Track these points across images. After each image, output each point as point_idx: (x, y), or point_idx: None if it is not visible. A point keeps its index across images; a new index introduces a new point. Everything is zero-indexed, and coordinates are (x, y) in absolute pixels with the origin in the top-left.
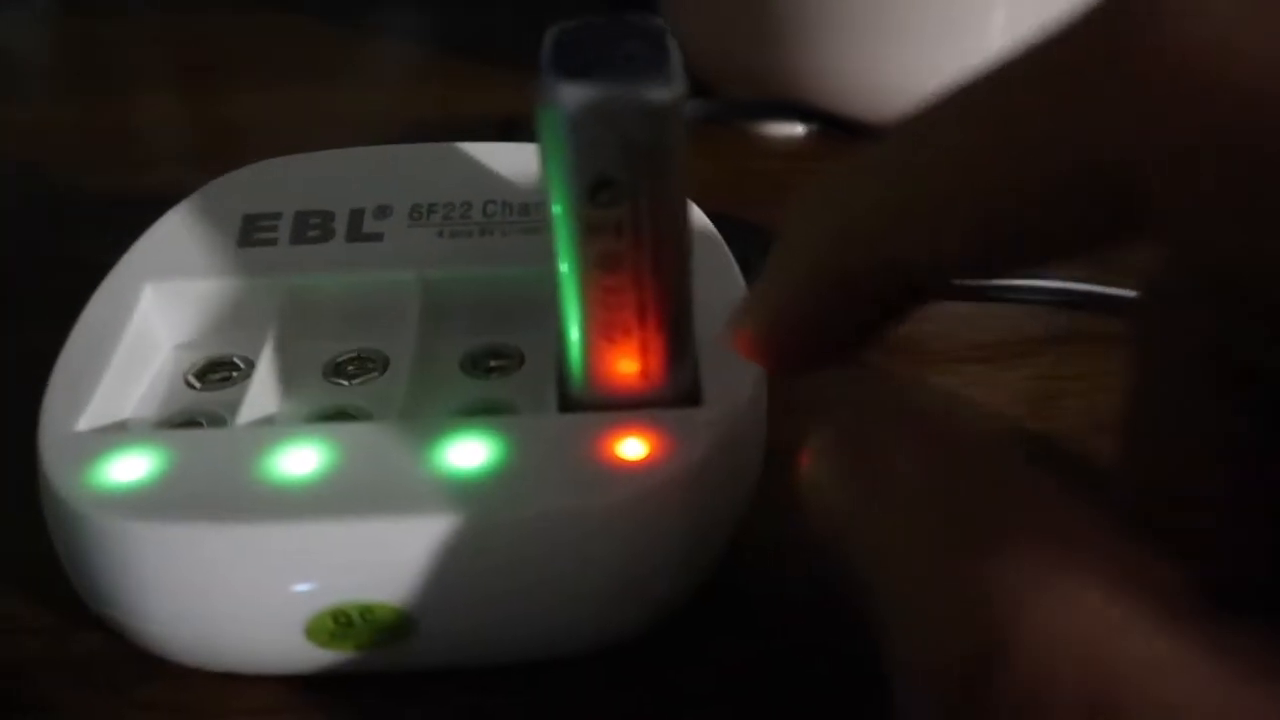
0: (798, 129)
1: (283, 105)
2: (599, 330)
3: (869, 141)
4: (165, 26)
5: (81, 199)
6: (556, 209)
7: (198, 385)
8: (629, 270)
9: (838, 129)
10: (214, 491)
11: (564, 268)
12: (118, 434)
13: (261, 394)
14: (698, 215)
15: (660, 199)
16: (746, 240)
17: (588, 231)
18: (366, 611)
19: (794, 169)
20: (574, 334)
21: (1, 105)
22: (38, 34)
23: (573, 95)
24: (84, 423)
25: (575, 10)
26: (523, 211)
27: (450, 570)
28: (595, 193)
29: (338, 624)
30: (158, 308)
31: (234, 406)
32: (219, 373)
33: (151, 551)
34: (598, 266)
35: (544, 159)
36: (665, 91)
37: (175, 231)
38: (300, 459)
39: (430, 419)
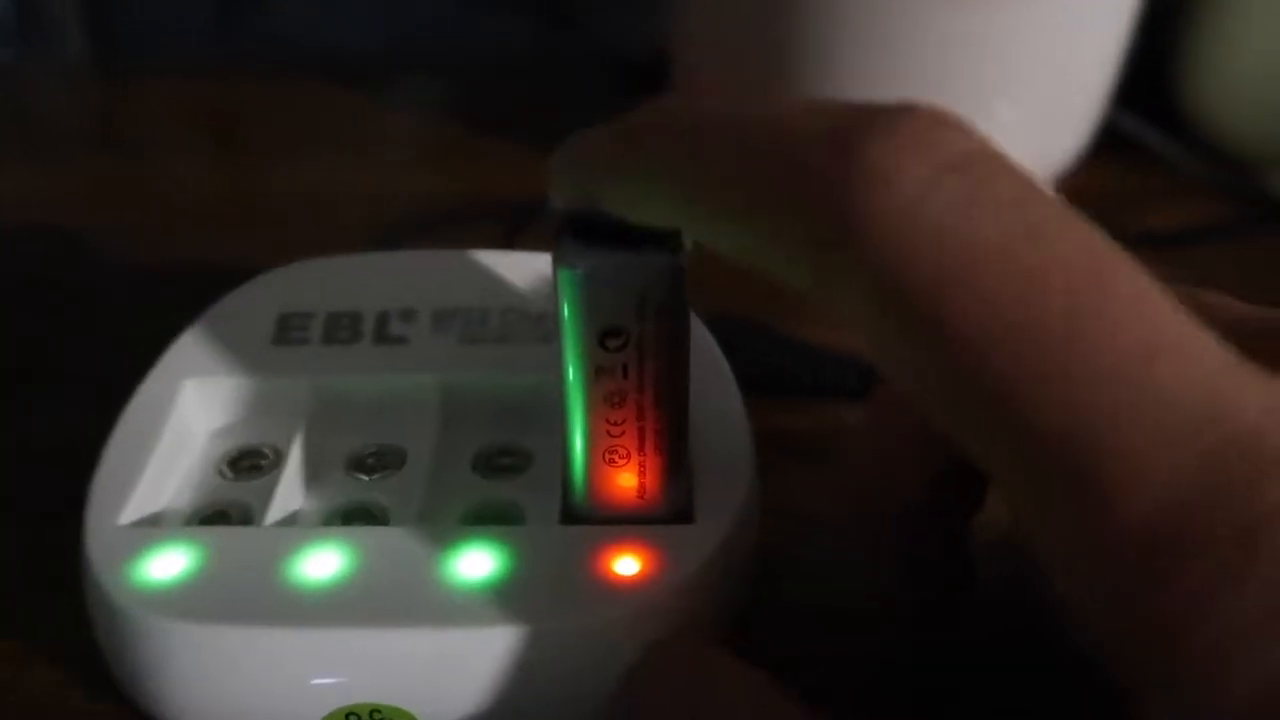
0: None
1: (305, 174)
2: (601, 454)
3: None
4: (189, 90)
5: (102, 266)
6: (567, 349)
7: (229, 474)
8: (632, 405)
9: None
10: (242, 592)
11: (571, 398)
12: (157, 530)
13: (287, 488)
14: (695, 327)
15: (664, 343)
16: (740, 334)
17: (595, 371)
18: (376, 712)
19: None
20: (578, 454)
21: (30, 169)
22: (65, 94)
23: (588, 260)
24: (126, 516)
25: (585, 88)
26: (536, 320)
27: (455, 676)
28: (604, 339)
29: None
30: (196, 402)
31: (262, 495)
32: (248, 460)
33: (184, 648)
34: (603, 401)
35: (559, 305)
36: (675, 255)
37: (215, 328)
38: (321, 563)
39: (442, 527)
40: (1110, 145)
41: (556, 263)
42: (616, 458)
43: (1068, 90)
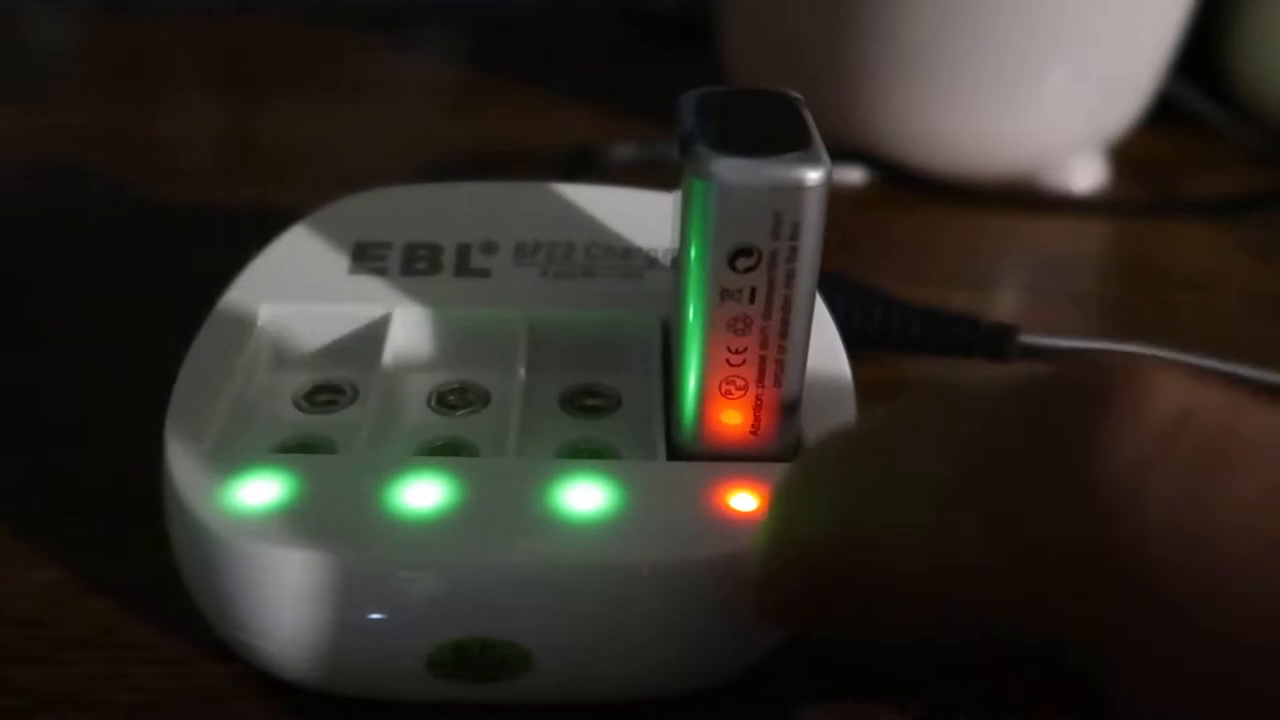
0: (857, 176)
1: (318, 121)
2: (717, 384)
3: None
4: (197, 34)
5: (115, 208)
6: (691, 269)
7: (306, 407)
8: (756, 333)
9: (899, 177)
10: (344, 521)
11: (689, 323)
12: (245, 456)
13: (372, 421)
14: None
15: (797, 269)
16: (838, 288)
17: (721, 294)
18: (488, 646)
19: (853, 216)
20: (690, 385)
21: (37, 108)
22: (75, 34)
23: (725, 168)
24: (207, 443)
25: (610, 41)
26: (623, 255)
27: (567, 611)
28: (734, 259)
29: (457, 657)
30: (271, 329)
31: (342, 430)
32: (325, 395)
33: (285, 577)
34: (726, 328)
35: (685, 220)
36: (816, 170)
37: (290, 254)
38: (422, 493)
39: (545, 460)
40: (1164, 114)
41: (688, 172)
42: (734, 389)
43: (1125, 58)
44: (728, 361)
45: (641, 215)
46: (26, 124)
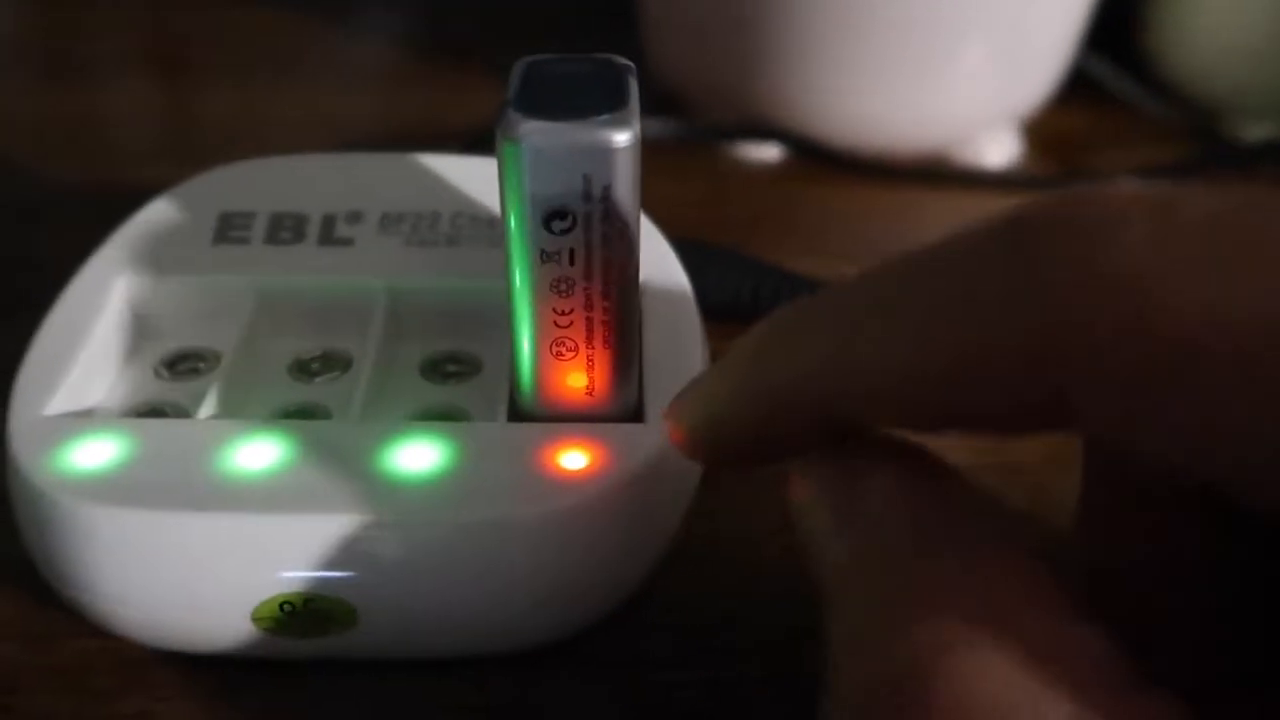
0: (773, 152)
1: (255, 102)
2: (548, 347)
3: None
4: (140, 14)
5: (46, 193)
6: (512, 233)
7: (166, 375)
8: (579, 294)
9: (813, 153)
10: (173, 480)
11: (516, 287)
12: (84, 419)
13: (227, 387)
14: (652, 233)
15: (613, 229)
16: (710, 260)
17: (541, 257)
18: (311, 602)
19: (766, 192)
20: (524, 349)
21: None
22: (5, 16)
23: (533, 131)
24: (53, 407)
25: (547, 18)
26: (488, 224)
27: (393, 569)
28: (550, 221)
29: (283, 612)
30: (131, 299)
31: (199, 398)
32: (187, 363)
33: (111, 535)
34: (551, 289)
35: (503, 186)
36: (623, 133)
37: (153, 224)
38: (257, 454)
39: (384, 421)
40: (1077, 88)
41: (500, 136)
42: (564, 350)
43: (1036, 33)
44: (555, 324)
45: None
46: None
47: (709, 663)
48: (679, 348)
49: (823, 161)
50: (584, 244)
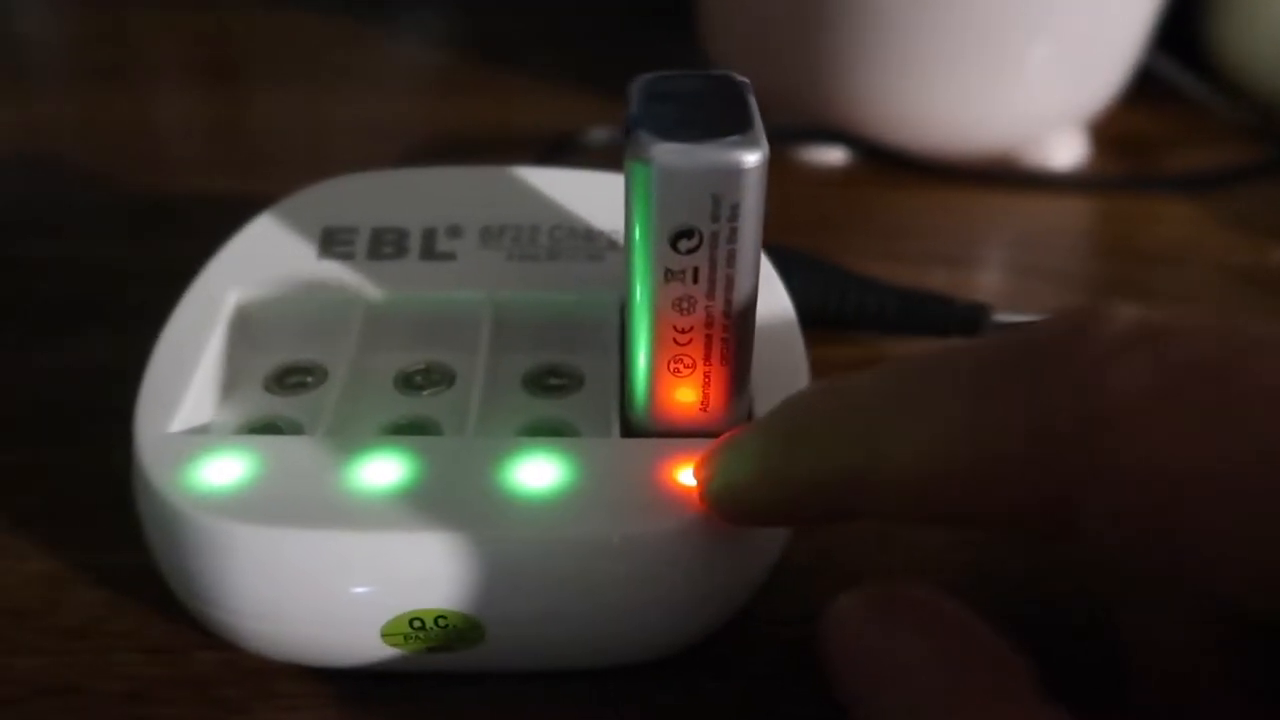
0: (838, 155)
1: (303, 109)
2: (665, 364)
3: (912, 172)
4: (186, 19)
5: (101, 199)
6: (636, 250)
7: (275, 390)
8: (700, 312)
9: (879, 156)
10: (303, 498)
11: (637, 303)
12: (210, 437)
13: (339, 402)
14: None
15: (738, 248)
16: (790, 262)
17: (665, 275)
18: (440, 618)
19: (833, 195)
20: (640, 365)
21: (15, 96)
22: (55, 23)
23: (664, 152)
24: (176, 424)
25: (594, 22)
26: (586, 237)
27: (520, 585)
28: (676, 240)
29: (413, 628)
30: (241, 315)
31: (310, 412)
32: (294, 378)
33: (246, 552)
34: (672, 307)
35: (630, 204)
36: (753, 154)
37: (259, 240)
38: (381, 471)
39: (502, 438)
40: (1144, 89)
41: (629, 156)
42: (681, 367)
43: (1105, 33)
44: (675, 340)
45: (604, 198)
46: (8, 115)
47: (817, 676)
48: (783, 361)
49: (889, 164)
50: (709, 263)
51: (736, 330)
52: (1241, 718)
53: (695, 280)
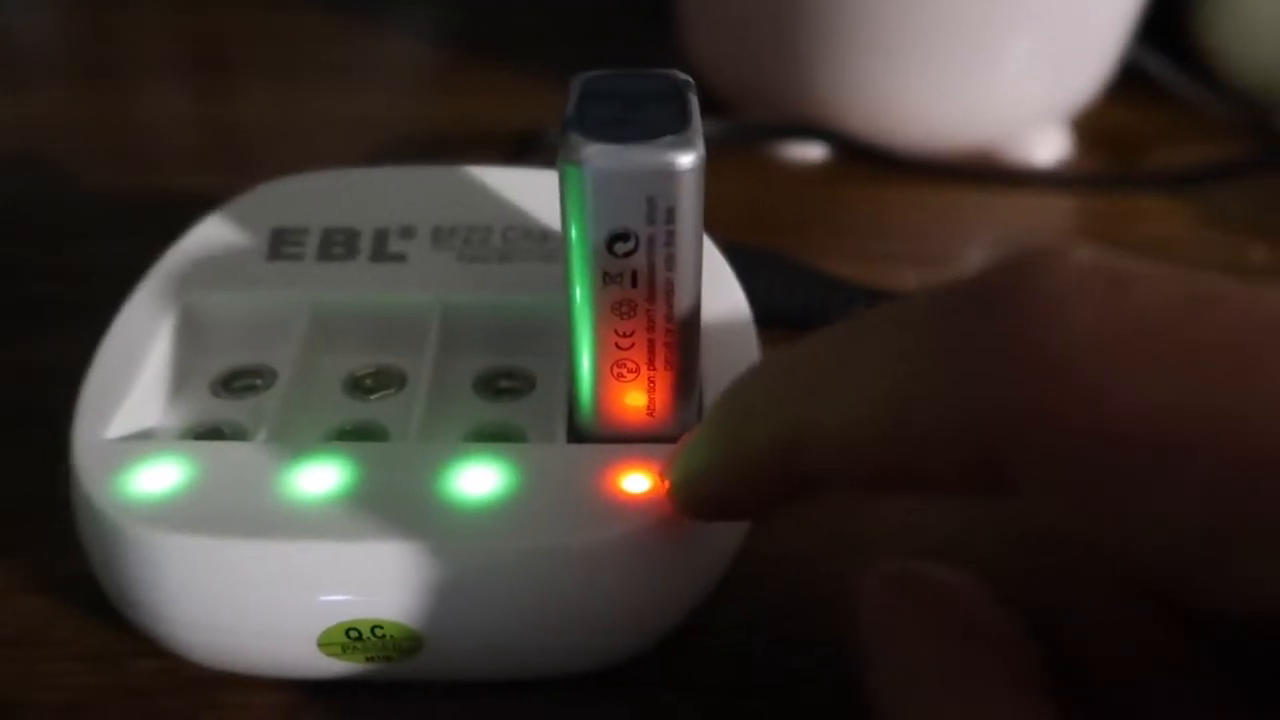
0: (817, 152)
1: (291, 105)
2: (609, 369)
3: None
4: (173, 17)
5: (83, 197)
6: (573, 254)
7: (222, 393)
8: (641, 316)
9: (859, 153)
10: (238, 506)
11: (577, 308)
12: (146, 443)
13: (284, 407)
14: (706, 244)
15: (676, 251)
16: (757, 265)
17: (603, 279)
18: (377, 628)
19: (812, 193)
20: (584, 370)
21: (4, 94)
22: (43, 20)
23: (596, 154)
24: (114, 429)
25: (580, 17)
26: (540, 238)
27: (458, 594)
28: (613, 244)
29: (349, 638)
30: (188, 317)
31: (257, 415)
32: (242, 380)
33: (177, 561)
34: (612, 311)
35: (565, 207)
36: (688, 155)
37: (207, 241)
38: (319, 478)
39: (444, 443)
40: (1127, 84)
41: (562, 159)
42: (625, 372)
43: (1087, 27)
44: (616, 345)
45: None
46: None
47: (768, 685)
48: (739, 362)
49: (869, 161)
50: (647, 266)
51: (680, 334)
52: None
53: (634, 284)
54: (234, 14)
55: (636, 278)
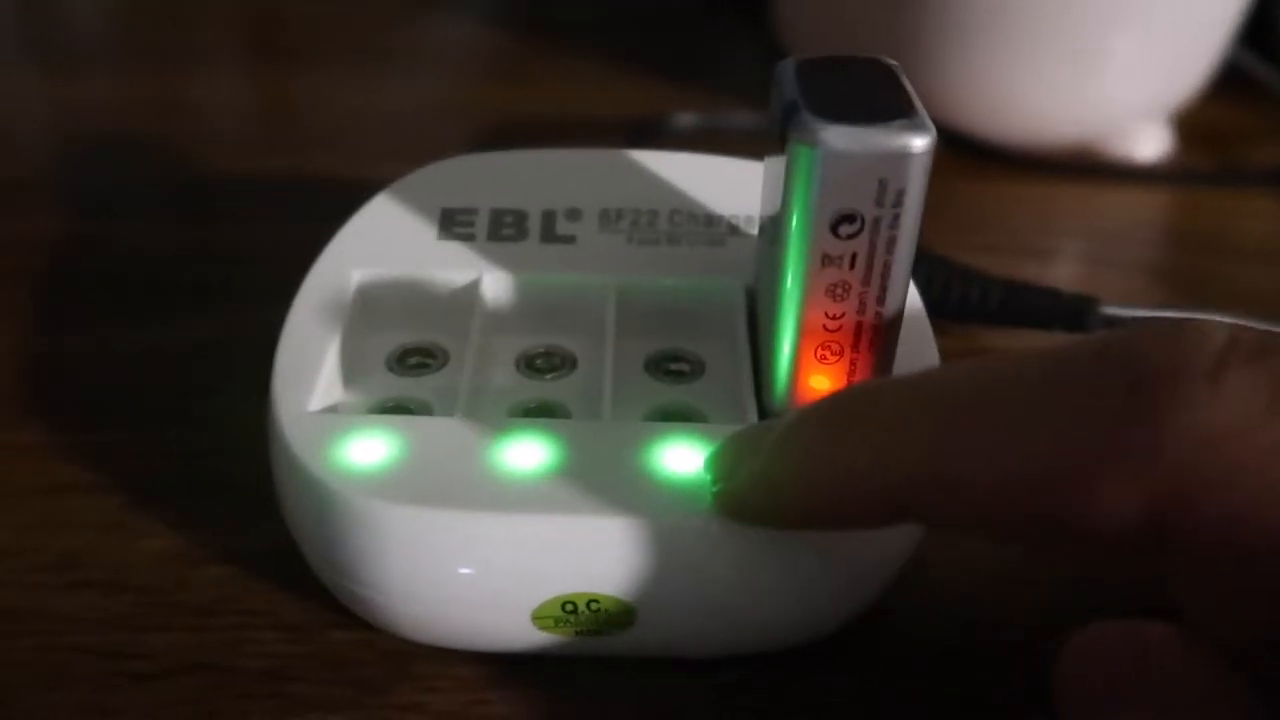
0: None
1: (358, 90)
2: (811, 350)
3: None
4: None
5: (148, 181)
6: (793, 235)
7: (398, 370)
8: (854, 299)
9: (961, 146)
10: (454, 479)
11: (787, 289)
12: (352, 417)
13: (466, 384)
14: None
15: (899, 235)
16: None
17: (823, 260)
18: (594, 602)
19: None
20: (785, 350)
21: (64, 80)
22: (103, 5)
23: (832, 135)
24: (314, 403)
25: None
26: (706, 223)
27: (672, 568)
28: (838, 225)
29: (564, 612)
30: (361, 294)
31: (437, 393)
32: (416, 359)
33: (400, 532)
34: (825, 293)
35: (789, 187)
36: (922, 138)
37: (378, 220)
38: (526, 453)
39: (638, 422)
40: (1228, 83)
41: (793, 138)
42: (829, 354)
43: (1192, 26)
44: (824, 327)
45: (721, 182)
46: (62, 94)
47: (955, 668)
48: (916, 351)
49: (971, 154)
50: (868, 248)
51: (888, 317)
52: None
53: (852, 266)
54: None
55: (855, 260)
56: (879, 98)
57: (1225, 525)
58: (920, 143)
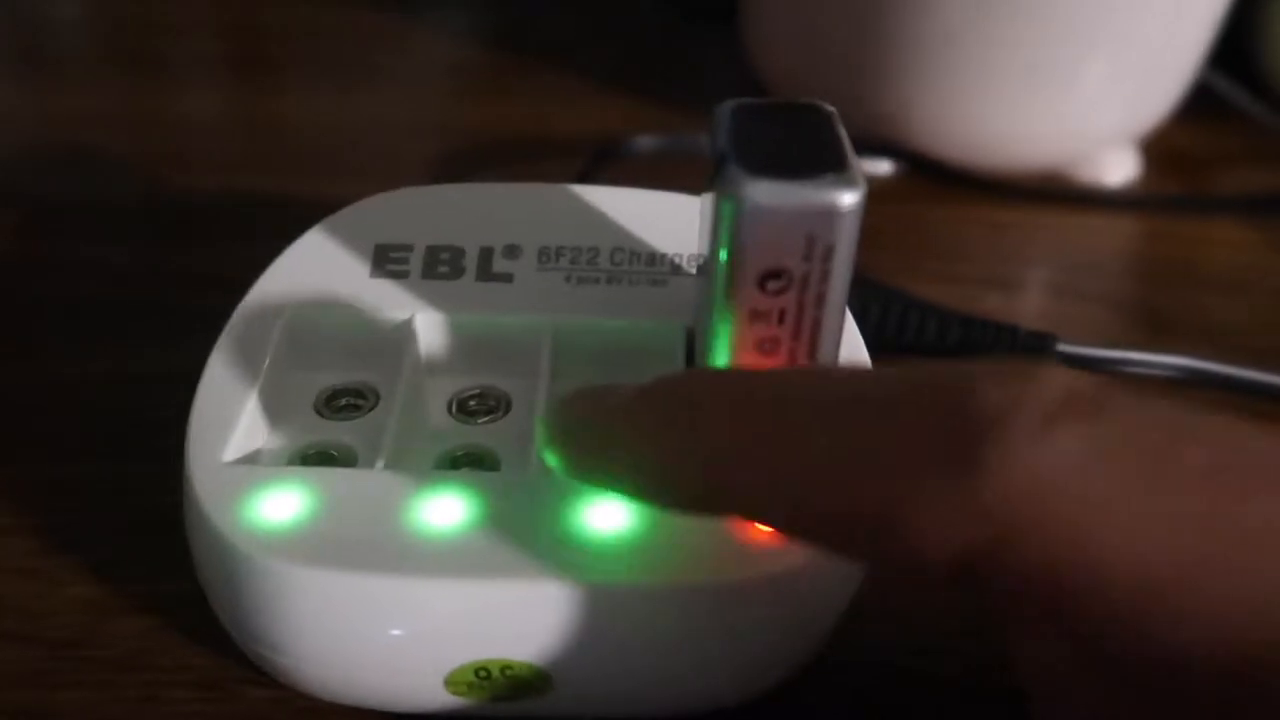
0: (885, 168)
1: (336, 106)
2: None
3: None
4: (215, 12)
5: (120, 196)
6: (719, 289)
7: (326, 413)
8: (784, 354)
9: (928, 171)
10: (366, 538)
11: (716, 343)
12: (267, 469)
13: (393, 429)
14: None
15: (828, 291)
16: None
17: (751, 316)
18: (507, 668)
19: (879, 210)
20: None
21: (41, 87)
22: (79, 12)
23: (758, 191)
24: (229, 453)
25: (628, 23)
26: (649, 261)
27: (592, 635)
28: (765, 281)
29: (478, 677)
30: (290, 332)
31: (363, 437)
32: (346, 398)
33: (308, 594)
34: (754, 348)
35: (715, 240)
36: (851, 194)
37: (309, 257)
38: (444, 509)
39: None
40: (1198, 105)
41: (719, 192)
42: None
43: (1162, 50)
44: None
45: (665, 219)
46: (40, 105)
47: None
48: None
49: (938, 179)
50: (796, 305)
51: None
52: None
53: (781, 322)
54: (275, 9)
55: (784, 316)
56: (811, 149)
57: (1035, 575)
58: (849, 199)
